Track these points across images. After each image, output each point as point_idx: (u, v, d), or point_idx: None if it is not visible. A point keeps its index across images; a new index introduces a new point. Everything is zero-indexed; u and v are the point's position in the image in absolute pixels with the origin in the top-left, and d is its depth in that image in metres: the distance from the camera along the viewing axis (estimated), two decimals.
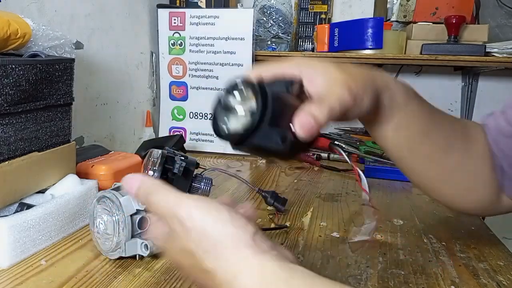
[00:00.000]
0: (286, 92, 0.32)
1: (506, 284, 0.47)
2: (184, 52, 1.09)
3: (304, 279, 0.27)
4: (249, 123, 0.31)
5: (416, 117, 0.45)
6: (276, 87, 0.32)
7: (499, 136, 0.51)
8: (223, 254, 0.28)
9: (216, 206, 0.29)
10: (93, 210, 0.49)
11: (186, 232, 0.29)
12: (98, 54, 0.89)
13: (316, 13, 1.22)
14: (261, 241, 0.28)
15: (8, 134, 0.49)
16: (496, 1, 1.20)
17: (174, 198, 0.30)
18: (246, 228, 0.28)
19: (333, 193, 0.78)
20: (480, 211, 0.57)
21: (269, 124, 0.30)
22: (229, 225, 0.28)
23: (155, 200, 0.31)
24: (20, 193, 0.53)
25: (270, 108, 0.31)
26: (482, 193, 0.53)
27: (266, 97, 0.31)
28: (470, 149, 0.51)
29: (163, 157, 0.63)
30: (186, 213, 0.29)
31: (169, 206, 0.30)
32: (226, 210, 0.29)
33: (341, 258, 0.52)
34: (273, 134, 0.30)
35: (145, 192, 0.32)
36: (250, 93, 0.31)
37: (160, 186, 0.32)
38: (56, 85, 0.56)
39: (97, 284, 0.43)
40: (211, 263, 0.28)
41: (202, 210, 0.29)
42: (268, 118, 0.30)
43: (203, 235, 0.28)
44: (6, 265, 0.46)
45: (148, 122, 1.12)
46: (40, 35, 0.54)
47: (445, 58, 1.01)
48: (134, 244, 0.47)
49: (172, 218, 0.30)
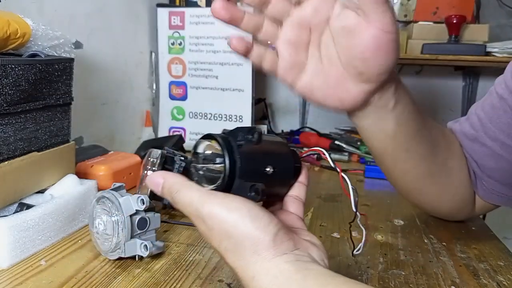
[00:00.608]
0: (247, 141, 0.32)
1: (506, 284, 0.47)
2: (183, 52, 1.09)
3: (318, 279, 0.28)
4: (220, 183, 0.32)
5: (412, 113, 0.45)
6: (239, 138, 0.32)
7: (464, 141, 0.54)
8: (242, 255, 0.29)
9: (239, 206, 0.29)
10: (92, 211, 0.49)
11: (209, 230, 0.30)
12: (98, 53, 0.89)
13: None
14: (281, 241, 0.29)
15: (7, 134, 0.49)
16: (496, 1, 1.20)
17: (197, 197, 0.31)
18: (267, 229, 0.29)
19: (333, 193, 0.78)
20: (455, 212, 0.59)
21: (240, 177, 0.31)
22: (250, 226, 0.29)
23: (179, 198, 0.32)
24: (20, 193, 0.53)
25: (239, 162, 0.31)
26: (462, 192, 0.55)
27: (233, 152, 0.32)
28: (450, 147, 0.52)
29: (162, 157, 0.63)
30: (208, 212, 0.30)
31: (193, 205, 0.31)
32: (248, 210, 0.29)
33: (342, 258, 0.52)
34: (245, 188, 0.31)
35: (169, 191, 0.32)
36: (217, 151, 0.32)
37: (183, 184, 0.32)
38: (56, 85, 0.56)
39: (96, 285, 0.43)
40: (232, 262, 0.29)
41: (223, 209, 0.29)
42: (238, 172, 0.31)
43: (224, 235, 0.29)
44: (5, 265, 0.46)
45: (148, 122, 1.12)
46: (39, 35, 0.54)
47: (445, 58, 1.01)
48: (134, 245, 0.47)
49: (197, 217, 0.30)
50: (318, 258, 0.31)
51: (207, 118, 1.11)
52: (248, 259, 0.29)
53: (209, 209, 0.30)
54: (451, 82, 1.30)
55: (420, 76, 1.31)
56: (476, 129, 0.52)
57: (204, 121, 1.11)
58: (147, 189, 0.62)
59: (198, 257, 0.51)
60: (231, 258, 0.29)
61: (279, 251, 0.29)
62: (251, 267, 0.28)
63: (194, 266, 0.48)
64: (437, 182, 0.53)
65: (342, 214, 0.68)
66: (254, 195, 0.31)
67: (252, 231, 0.29)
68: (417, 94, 0.46)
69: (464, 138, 0.54)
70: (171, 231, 0.58)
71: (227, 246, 0.29)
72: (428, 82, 1.31)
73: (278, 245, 0.29)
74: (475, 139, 0.52)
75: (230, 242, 0.29)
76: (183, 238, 0.56)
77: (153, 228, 0.49)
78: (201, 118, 1.11)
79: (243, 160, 0.32)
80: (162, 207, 0.64)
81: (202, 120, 1.11)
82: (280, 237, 0.29)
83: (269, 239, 0.28)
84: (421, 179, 0.52)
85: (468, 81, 1.28)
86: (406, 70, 1.31)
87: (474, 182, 0.55)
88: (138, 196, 0.47)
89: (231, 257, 0.29)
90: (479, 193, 0.56)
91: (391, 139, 0.46)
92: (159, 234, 0.56)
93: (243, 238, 0.29)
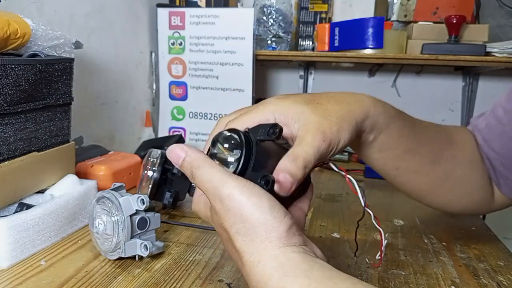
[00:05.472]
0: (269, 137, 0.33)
1: (506, 284, 0.47)
2: (183, 52, 1.09)
3: (323, 271, 0.28)
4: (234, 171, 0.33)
5: (399, 136, 0.44)
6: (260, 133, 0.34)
7: (490, 135, 0.52)
8: (253, 240, 0.29)
9: (259, 193, 0.30)
10: (92, 211, 0.49)
11: (224, 211, 0.30)
12: (98, 53, 0.89)
13: (317, 13, 1.22)
14: (294, 234, 0.30)
15: (7, 134, 0.49)
16: (496, 1, 1.20)
17: (219, 176, 0.31)
18: (283, 220, 0.30)
19: (333, 193, 0.78)
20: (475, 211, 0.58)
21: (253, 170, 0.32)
22: (268, 214, 0.29)
23: (199, 175, 0.32)
24: (20, 193, 0.53)
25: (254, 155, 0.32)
26: (475, 196, 0.53)
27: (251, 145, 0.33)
28: (457, 156, 0.51)
29: (162, 157, 0.63)
30: (227, 193, 0.30)
31: (213, 184, 0.31)
32: (267, 199, 0.30)
33: (342, 258, 0.52)
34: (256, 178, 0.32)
35: (190, 165, 0.33)
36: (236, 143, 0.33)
37: (206, 161, 0.32)
38: (56, 85, 0.56)
39: (96, 285, 0.43)
40: (240, 246, 0.30)
41: (244, 194, 0.30)
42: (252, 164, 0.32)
43: (239, 218, 0.29)
44: (5, 265, 0.46)
45: (148, 122, 1.12)
46: (39, 35, 0.54)
47: (445, 58, 1.01)
48: (134, 245, 0.47)
49: (214, 196, 0.31)
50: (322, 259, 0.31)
51: (207, 118, 1.11)
52: (258, 244, 0.29)
53: (230, 190, 0.30)
54: (451, 82, 1.30)
55: (420, 76, 1.31)
56: (503, 123, 0.50)
57: (204, 121, 1.11)
58: (147, 189, 0.62)
59: (198, 257, 0.51)
60: (240, 242, 0.30)
61: (290, 242, 0.29)
62: (259, 253, 0.29)
63: (194, 266, 0.48)
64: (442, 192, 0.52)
65: (342, 214, 0.68)
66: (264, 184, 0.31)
67: (269, 219, 0.29)
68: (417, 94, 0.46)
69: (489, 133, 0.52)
70: (171, 231, 0.58)
71: (239, 229, 0.29)
72: (428, 82, 1.31)
73: (290, 236, 0.29)
74: (502, 133, 0.50)
75: (244, 226, 0.29)
76: (183, 238, 0.56)
77: (153, 228, 0.49)
78: (201, 118, 1.11)
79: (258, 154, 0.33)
80: (162, 207, 0.65)
81: (202, 120, 1.11)
82: (293, 231, 0.30)
83: (283, 230, 0.29)
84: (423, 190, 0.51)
85: (468, 81, 1.28)
86: (406, 70, 1.31)
87: (495, 181, 0.53)
88: (138, 196, 0.47)
89: (240, 240, 0.30)
90: (504, 190, 0.53)
91: (376, 160, 0.46)
92: (159, 234, 0.56)
93: (259, 224, 0.29)
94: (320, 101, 0.38)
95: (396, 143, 0.45)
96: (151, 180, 0.62)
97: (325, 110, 0.37)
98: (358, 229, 0.50)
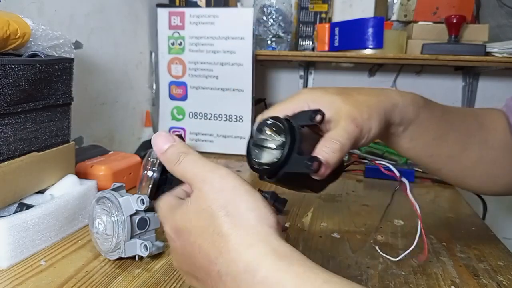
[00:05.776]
0: (311, 122, 0.35)
1: (506, 284, 0.47)
2: (183, 52, 1.09)
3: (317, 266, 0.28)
4: (280, 155, 0.34)
5: (428, 125, 0.46)
6: (301, 120, 0.36)
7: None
8: (243, 225, 0.29)
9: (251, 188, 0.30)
10: (92, 211, 0.49)
11: (215, 192, 0.30)
12: (97, 53, 0.89)
13: (316, 13, 1.22)
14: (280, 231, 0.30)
15: (7, 134, 0.49)
16: (496, 1, 1.20)
17: (210, 162, 0.31)
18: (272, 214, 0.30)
19: (333, 193, 0.78)
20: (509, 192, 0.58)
21: (298, 153, 0.34)
22: (260, 202, 0.30)
23: (189, 160, 0.32)
24: (20, 193, 0.53)
25: (298, 139, 0.34)
26: (508, 178, 0.54)
27: (294, 130, 0.35)
28: (488, 139, 0.51)
29: None
30: (221, 175, 0.30)
31: (206, 167, 0.31)
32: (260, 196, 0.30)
33: (342, 259, 0.52)
34: (302, 160, 0.33)
35: (178, 151, 0.33)
36: (280, 129, 0.35)
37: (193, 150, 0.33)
38: (55, 85, 0.56)
39: (96, 285, 0.43)
40: (229, 229, 0.28)
41: (238, 179, 0.30)
42: (296, 148, 0.34)
43: (232, 200, 0.29)
44: (5, 265, 0.46)
45: (148, 122, 1.12)
46: (39, 35, 0.54)
47: (445, 58, 1.01)
48: (134, 245, 0.47)
49: (204, 179, 0.30)
50: None
51: (207, 118, 1.11)
52: (250, 229, 0.28)
53: (224, 172, 0.30)
54: (451, 82, 1.30)
55: (420, 76, 1.31)
56: None
57: (204, 121, 1.11)
58: (147, 189, 0.62)
59: None
60: (228, 225, 0.28)
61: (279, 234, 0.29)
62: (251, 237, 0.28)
63: None
64: (477, 176, 0.52)
65: (342, 214, 0.68)
66: (310, 165, 0.32)
67: (262, 207, 0.30)
68: None
69: None
70: None
71: (230, 211, 0.29)
72: (428, 82, 1.31)
73: (279, 231, 0.30)
74: None
75: (236, 208, 0.29)
76: None
77: (153, 228, 0.49)
78: (201, 118, 1.11)
79: (302, 137, 0.34)
80: None
81: (202, 120, 1.11)
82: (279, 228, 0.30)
83: (274, 221, 0.29)
84: (458, 175, 0.52)
85: (468, 81, 1.28)
86: (406, 70, 1.31)
87: None
88: (138, 196, 0.47)
89: (230, 223, 0.29)
90: None
91: (409, 150, 0.47)
92: (159, 234, 0.55)
93: (252, 209, 0.29)
94: (350, 92, 0.41)
95: (426, 132, 0.46)
96: (151, 180, 0.62)
97: (356, 100, 0.39)
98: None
